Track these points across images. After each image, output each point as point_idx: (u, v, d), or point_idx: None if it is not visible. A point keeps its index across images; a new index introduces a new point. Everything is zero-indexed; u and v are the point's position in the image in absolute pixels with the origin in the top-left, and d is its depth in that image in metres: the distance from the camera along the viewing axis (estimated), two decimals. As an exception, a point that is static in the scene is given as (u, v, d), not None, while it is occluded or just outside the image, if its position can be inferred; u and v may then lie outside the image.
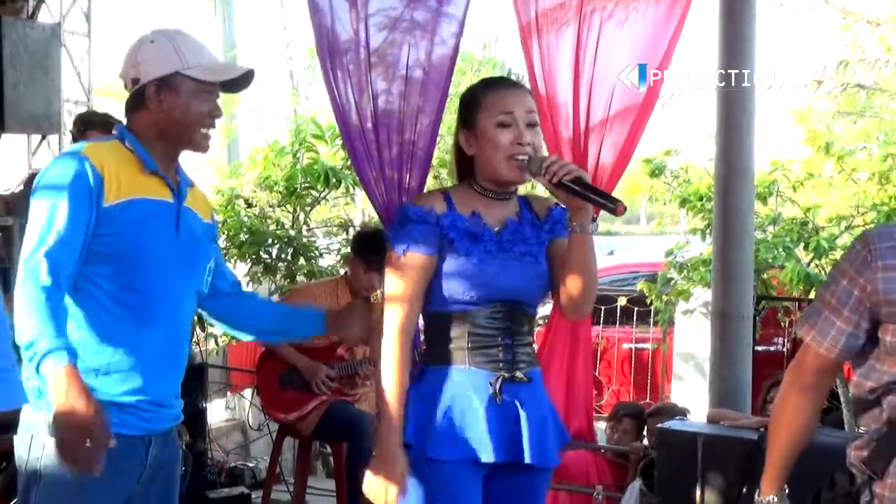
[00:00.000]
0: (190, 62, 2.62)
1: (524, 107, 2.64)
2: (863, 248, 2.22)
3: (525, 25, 5.47)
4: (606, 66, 5.28)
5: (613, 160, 5.33)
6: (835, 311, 2.24)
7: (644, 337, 8.44)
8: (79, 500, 2.46)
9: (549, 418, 2.71)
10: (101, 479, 2.35)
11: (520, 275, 2.67)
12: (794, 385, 2.37)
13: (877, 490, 2.31)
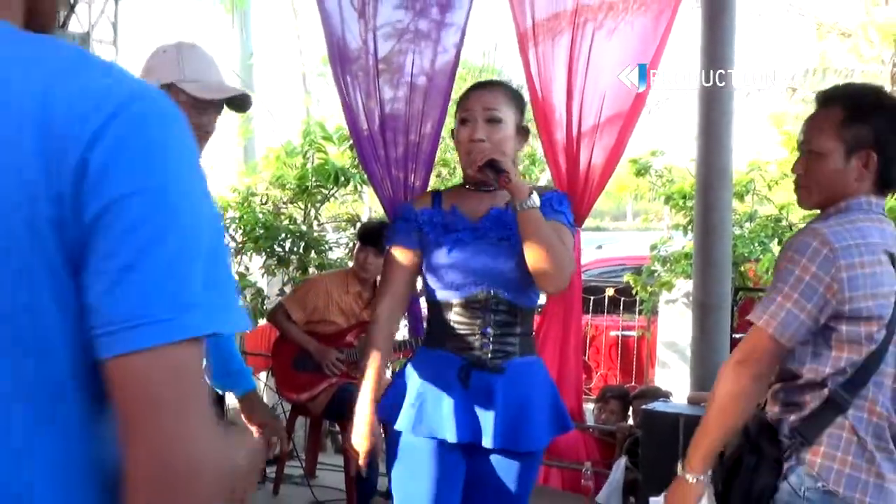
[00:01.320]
0: (188, 76, 2.58)
1: (482, 103, 2.58)
2: (822, 246, 2.22)
3: (522, 34, 5.48)
4: (598, 73, 5.29)
5: (604, 161, 5.35)
6: (797, 304, 2.22)
7: (630, 325, 8.44)
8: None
9: (535, 406, 2.64)
10: None
11: (492, 259, 2.62)
12: (749, 374, 2.28)
13: (806, 456, 2.31)
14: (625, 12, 5.25)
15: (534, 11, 5.44)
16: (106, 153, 0.87)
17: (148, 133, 0.90)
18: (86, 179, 0.86)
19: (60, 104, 0.87)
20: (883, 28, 12.02)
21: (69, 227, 0.86)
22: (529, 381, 2.65)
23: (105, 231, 0.86)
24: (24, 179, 0.86)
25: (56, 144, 0.86)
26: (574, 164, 5.42)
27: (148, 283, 0.86)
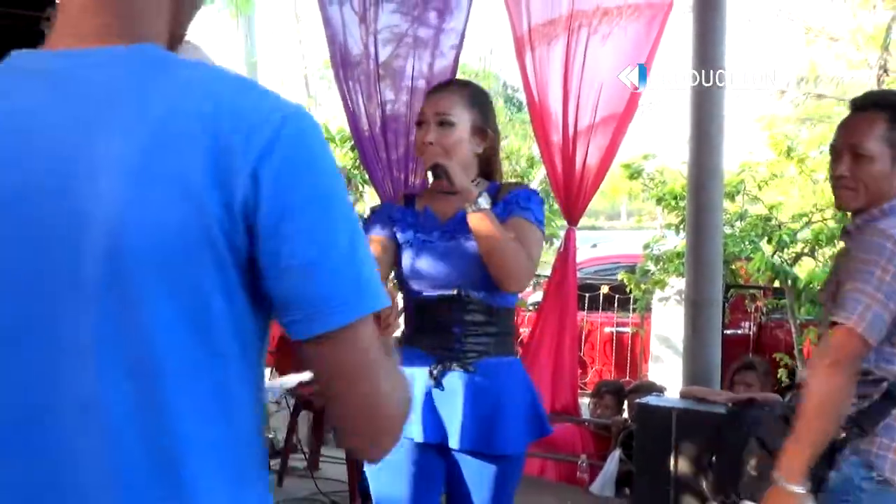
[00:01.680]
0: None
1: (435, 108, 2.53)
2: (894, 245, 2.23)
3: (519, 39, 5.49)
4: (592, 77, 5.31)
5: (598, 162, 5.37)
6: (882, 304, 2.21)
7: (624, 321, 8.45)
8: None
9: (509, 408, 2.50)
10: None
11: (461, 259, 2.55)
12: (843, 374, 2.22)
13: (861, 446, 2.30)
14: (619, 17, 5.27)
15: (530, 17, 5.45)
16: (275, 167, 0.99)
17: (308, 146, 1.04)
18: (259, 191, 0.98)
19: (227, 123, 0.99)
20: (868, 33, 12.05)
21: (237, 232, 0.99)
22: (503, 382, 2.53)
23: (284, 235, 1.00)
24: (194, 190, 0.97)
25: (225, 159, 0.98)
26: (570, 165, 5.44)
27: (334, 275, 1.02)
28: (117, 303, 0.99)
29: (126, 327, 1.00)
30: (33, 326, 1.02)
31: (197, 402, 1.02)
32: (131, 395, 1.00)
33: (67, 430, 1.01)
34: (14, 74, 1.09)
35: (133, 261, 0.98)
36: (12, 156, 1.02)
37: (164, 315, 0.99)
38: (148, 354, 1.00)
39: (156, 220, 0.98)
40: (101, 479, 1.02)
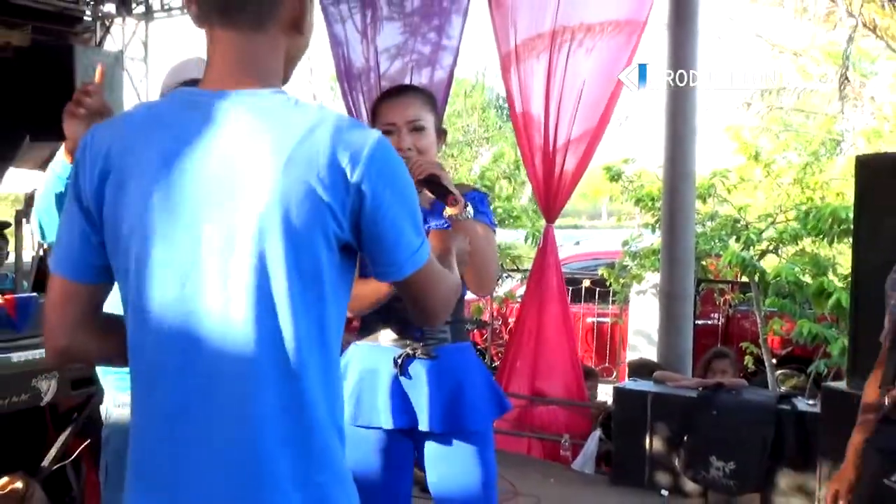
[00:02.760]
0: (167, 82, 2.54)
1: (405, 116, 2.40)
2: None
3: (505, 55, 5.51)
4: (572, 89, 5.33)
5: (575, 166, 5.40)
6: None
7: (604, 313, 8.45)
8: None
9: (469, 387, 2.45)
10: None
11: None
12: None
13: None
14: (600, 33, 5.28)
15: (516, 34, 5.47)
16: (373, 182, 1.34)
17: (391, 163, 1.39)
18: (363, 200, 1.34)
19: (339, 147, 1.33)
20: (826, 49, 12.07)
21: (342, 224, 1.34)
22: (461, 365, 2.47)
23: (378, 223, 1.36)
24: (315, 192, 1.32)
25: (337, 173, 1.32)
26: (549, 169, 5.46)
27: (410, 242, 1.41)
28: (260, 260, 1.32)
29: (265, 277, 1.33)
30: (203, 269, 1.34)
31: (308, 324, 1.36)
32: (267, 324, 1.33)
33: (217, 349, 1.34)
34: (182, 106, 1.40)
35: (273, 234, 1.32)
36: (192, 161, 1.34)
37: (290, 270, 1.33)
38: (279, 295, 1.33)
39: (290, 209, 1.31)
40: (240, 380, 1.34)
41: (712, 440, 4.59)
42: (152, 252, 1.35)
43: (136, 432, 1.44)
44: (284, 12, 1.40)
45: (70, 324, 1.45)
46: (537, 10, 5.41)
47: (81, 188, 1.41)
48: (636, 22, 5.17)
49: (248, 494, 1.35)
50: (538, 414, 5.63)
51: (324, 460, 1.40)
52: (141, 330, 1.39)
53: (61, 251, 1.45)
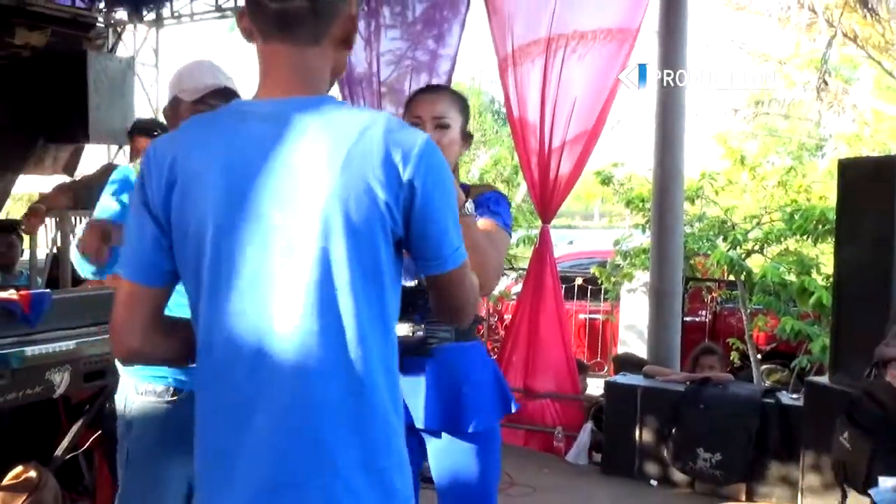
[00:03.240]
0: (184, 86, 2.53)
1: (432, 111, 2.36)
2: None
3: (503, 59, 5.50)
4: (567, 94, 5.32)
5: (570, 169, 5.40)
6: None
7: (596, 309, 8.45)
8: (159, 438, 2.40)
9: (471, 388, 2.35)
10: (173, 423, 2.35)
11: None
12: None
13: None
14: (593, 41, 5.27)
15: (513, 40, 5.46)
16: (422, 178, 1.39)
17: (438, 163, 1.43)
18: (414, 195, 1.38)
19: (391, 147, 1.37)
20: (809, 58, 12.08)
21: (396, 218, 1.38)
22: (464, 365, 2.37)
23: (428, 219, 1.41)
24: (371, 189, 1.36)
25: (390, 171, 1.36)
26: (545, 171, 5.45)
27: (452, 239, 1.46)
28: (323, 258, 1.37)
29: (328, 274, 1.37)
30: (268, 270, 1.38)
31: (370, 318, 1.40)
32: (331, 318, 1.38)
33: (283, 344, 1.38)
34: (240, 116, 1.44)
35: (335, 231, 1.36)
36: (253, 166, 1.39)
37: (353, 266, 1.37)
38: (342, 291, 1.38)
39: (349, 206, 1.35)
40: (305, 373, 1.38)
41: (699, 432, 4.59)
42: (219, 254, 1.40)
43: (202, 425, 1.47)
44: (337, 29, 1.45)
45: (140, 326, 1.49)
46: (533, 17, 5.41)
47: (149, 197, 1.45)
48: (628, 30, 5.16)
49: (313, 481, 1.38)
50: (532, 407, 5.63)
51: (386, 447, 1.44)
52: (210, 328, 1.43)
53: (131, 257, 1.48)
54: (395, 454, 1.45)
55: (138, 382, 2.39)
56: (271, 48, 1.45)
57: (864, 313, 4.01)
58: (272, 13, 1.41)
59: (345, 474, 1.39)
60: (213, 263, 1.40)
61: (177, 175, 1.42)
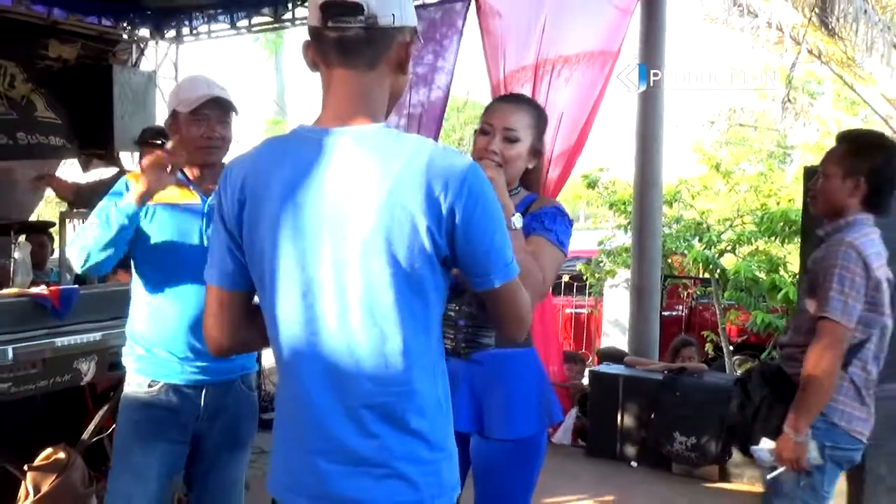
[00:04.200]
0: (181, 99, 2.46)
1: (504, 122, 2.16)
2: (859, 256, 2.38)
3: (495, 83, 5.51)
4: (553, 112, 5.31)
5: (557, 177, 5.38)
6: (856, 299, 2.36)
7: (581, 304, 8.47)
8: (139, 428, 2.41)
9: (512, 396, 2.18)
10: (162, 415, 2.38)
11: None
12: (836, 356, 2.40)
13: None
14: (577, 63, 5.27)
15: (505, 65, 5.47)
16: (464, 204, 1.38)
17: (480, 188, 1.41)
18: (454, 220, 1.38)
19: (435, 174, 1.37)
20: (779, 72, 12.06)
21: (439, 242, 1.39)
22: (505, 373, 2.19)
23: (469, 238, 1.40)
24: (415, 215, 1.37)
25: (433, 198, 1.37)
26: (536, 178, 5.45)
27: (501, 255, 1.45)
28: (368, 275, 1.39)
29: (373, 290, 1.39)
30: (323, 281, 1.41)
31: (413, 329, 1.42)
32: (377, 330, 1.41)
33: (332, 350, 1.42)
34: (303, 141, 1.46)
35: (379, 253, 1.38)
36: (312, 189, 1.41)
37: (398, 283, 1.39)
38: (387, 306, 1.40)
39: (392, 230, 1.37)
40: (351, 376, 1.42)
41: (676, 418, 4.60)
42: (279, 267, 1.44)
43: (277, 406, 1.55)
44: (391, 55, 1.47)
45: (227, 326, 1.54)
46: (522, 43, 5.43)
47: (225, 213, 1.50)
48: (609, 52, 5.16)
49: (366, 469, 1.42)
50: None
51: (432, 441, 1.46)
52: (276, 330, 1.47)
53: (215, 267, 1.53)
54: (442, 447, 1.48)
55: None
56: (333, 73, 1.47)
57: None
58: (332, 41, 1.44)
59: (394, 465, 1.42)
60: (273, 275, 1.44)
61: (247, 194, 1.46)
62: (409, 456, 1.43)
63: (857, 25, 7.55)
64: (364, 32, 1.42)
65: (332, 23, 1.42)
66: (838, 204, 2.50)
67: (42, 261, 5.29)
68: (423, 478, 1.44)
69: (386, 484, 1.42)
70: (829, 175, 2.52)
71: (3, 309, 2.89)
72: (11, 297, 2.98)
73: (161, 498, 2.43)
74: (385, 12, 1.43)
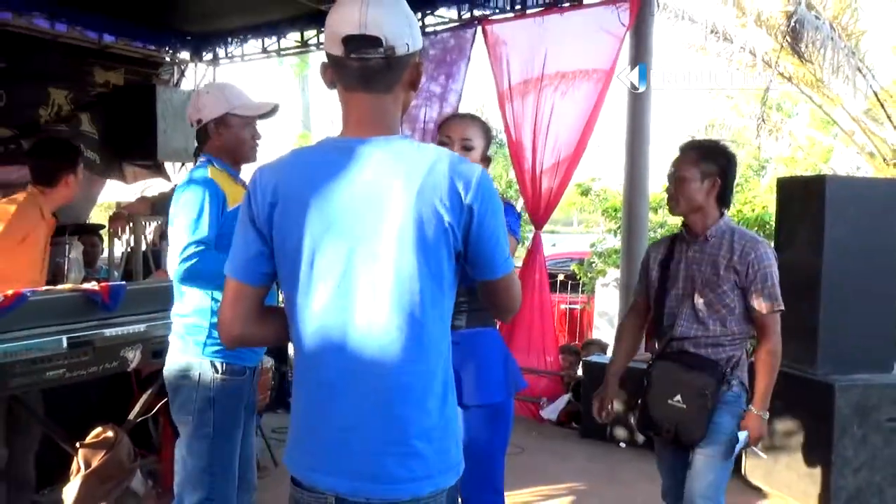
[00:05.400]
0: (234, 104, 2.49)
1: (461, 133, 2.33)
2: (771, 249, 2.54)
3: (501, 94, 5.51)
4: (554, 124, 5.32)
5: (557, 186, 5.38)
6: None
7: (575, 301, 8.44)
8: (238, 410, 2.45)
9: (481, 368, 2.29)
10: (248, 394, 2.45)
11: None
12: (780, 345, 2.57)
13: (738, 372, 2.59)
14: (573, 79, 5.26)
15: (510, 79, 5.46)
16: (479, 203, 1.41)
17: (490, 189, 1.44)
18: (472, 217, 1.41)
19: (456, 178, 1.40)
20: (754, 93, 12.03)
21: (457, 236, 1.41)
22: (475, 348, 2.30)
23: (481, 234, 1.42)
24: (439, 213, 1.39)
25: (454, 198, 1.40)
26: (537, 187, 5.45)
27: (503, 251, 1.47)
28: (399, 268, 1.39)
29: (403, 281, 1.39)
30: (354, 275, 1.41)
31: (434, 316, 1.43)
32: (405, 317, 1.40)
33: (363, 337, 1.41)
34: (329, 150, 1.47)
35: (409, 247, 1.39)
36: (341, 192, 1.42)
37: (423, 275, 1.40)
38: (414, 294, 1.40)
39: (422, 227, 1.39)
40: (382, 359, 1.41)
41: (661, 403, 4.58)
42: (313, 262, 1.43)
43: (297, 398, 1.51)
44: (406, 77, 1.49)
45: (242, 317, 1.52)
46: (525, 62, 5.45)
47: (255, 214, 1.48)
48: (603, 70, 5.15)
49: (390, 448, 1.41)
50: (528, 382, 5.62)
51: (445, 421, 1.47)
52: (303, 322, 1.46)
53: (237, 261, 1.51)
54: (450, 427, 1.48)
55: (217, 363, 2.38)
56: (352, 96, 1.48)
57: (798, 302, 3.99)
58: (354, 70, 1.45)
59: (413, 443, 1.42)
60: (306, 269, 1.44)
61: (278, 197, 1.46)
62: (425, 435, 1.42)
63: (824, 51, 7.52)
64: (384, 62, 1.44)
65: (354, 54, 1.43)
66: (698, 203, 2.57)
67: (93, 259, 5.30)
68: (434, 455, 1.43)
69: (403, 460, 1.41)
70: (688, 178, 2.56)
71: (58, 303, 2.90)
72: (66, 293, 2.98)
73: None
74: (400, 42, 1.44)
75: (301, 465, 1.48)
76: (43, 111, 6.40)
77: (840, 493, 3.78)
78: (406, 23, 1.46)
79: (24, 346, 2.71)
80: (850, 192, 3.93)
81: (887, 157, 8.51)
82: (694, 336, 2.57)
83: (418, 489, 1.42)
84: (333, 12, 1.46)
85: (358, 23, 1.42)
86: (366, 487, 1.41)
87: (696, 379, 2.53)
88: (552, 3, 5.42)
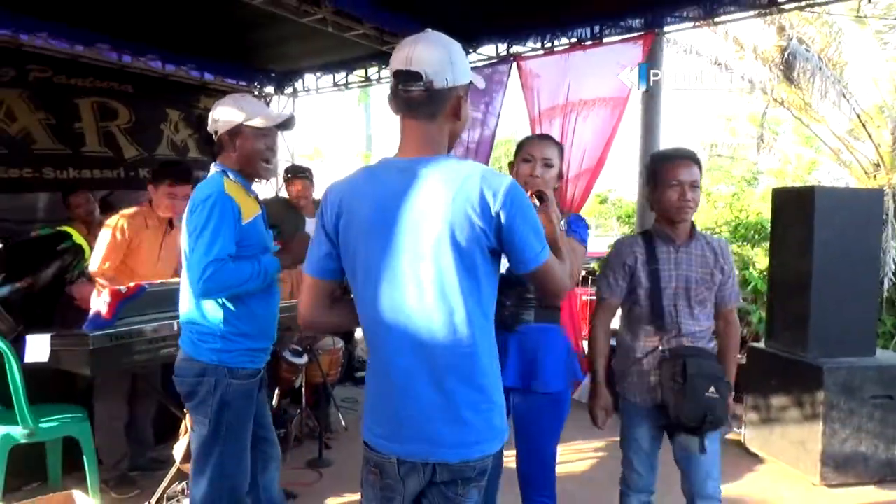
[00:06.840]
0: (250, 115, 2.23)
1: (541, 153, 2.24)
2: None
3: (532, 119, 5.49)
4: (578, 143, 5.27)
5: (581, 196, 5.33)
6: None
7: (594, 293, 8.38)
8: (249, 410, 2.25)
9: (545, 359, 2.19)
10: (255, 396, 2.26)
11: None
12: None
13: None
14: (594, 105, 5.22)
15: (539, 106, 5.44)
16: (508, 210, 1.40)
17: (519, 196, 1.42)
18: (501, 222, 1.40)
19: (485, 187, 1.40)
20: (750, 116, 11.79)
21: (490, 237, 1.40)
22: (541, 341, 2.21)
23: (511, 235, 1.41)
24: (472, 218, 1.39)
25: (485, 205, 1.39)
26: (563, 197, 5.41)
27: (533, 247, 1.44)
28: (439, 264, 1.40)
29: (442, 274, 1.40)
30: (404, 271, 1.42)
31: (472, 303, 1.42)
32: (446, 305, 1.41)
33: (412, 324, 1.42)
34: (388, 168, 1.48)
35: (446, 248, 1.40)
36: (395, 203, 1.43)
37: (459, 270, 1.40)
38: (452, 286, 1.40)
39: (456, 231, 1.39)
40: (428, 344, 1.42)
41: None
42: (369, 262, 1.46)
43: (367, 376, 1.55)
44: (448, 108, 1.49)
45: (312, 305, 1.56)
46: (553, 91, 5.40)
47: (325, 222, 1.52)
48: (619, 97, 5.09)
49: (440, 415, 1.42)
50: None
51: (489, 394, 1.46)
52: (365, 313, 1.49)
53: (312, 260, 1.55)
54: (495, 400, 1.47)
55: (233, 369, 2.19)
56: (405, 122, 1.49)
57: (791, 296, 3.94)
58: (402, 99, 1.47)
59: (461, 413, 1.42)
60: (364, 267, 1.46)
61: (343, 209, 1.49)
62: (472, 406, 1.43)
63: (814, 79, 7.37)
64: (424, 94, 1.45)
65: (401, 86, 1.46)
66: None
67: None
68: (480, 423, 1.44)
69: (452, 427, 1.42)
70: (699, 186, 2.39)
71: (170, 293, 2.93)
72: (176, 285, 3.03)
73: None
74: (440, 78, 1.45)
75: (370, 433, 1.51)
76: (164, 126, 6.70)
77: (829, 460, 3.69)
78: (448, 60, 1.46)
79: (143, 329, 2.78)
80: (836, 201, 3.83)
81: (868, 170, 8.28)
82: (693, 332, 2.38)
83: (468, 454, 1.43)
84: (395, 51, 1.49)
85: (405, 60, 1.45)
86: (423, 450, 1.43)
87: (719, 370, 2.36)
88: (577, 42, 5.38)
